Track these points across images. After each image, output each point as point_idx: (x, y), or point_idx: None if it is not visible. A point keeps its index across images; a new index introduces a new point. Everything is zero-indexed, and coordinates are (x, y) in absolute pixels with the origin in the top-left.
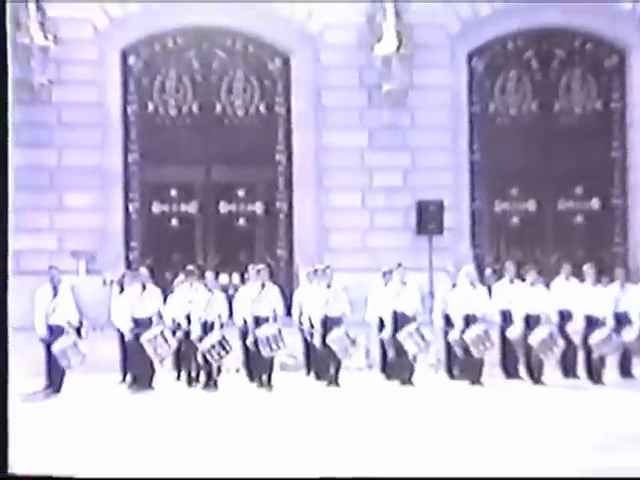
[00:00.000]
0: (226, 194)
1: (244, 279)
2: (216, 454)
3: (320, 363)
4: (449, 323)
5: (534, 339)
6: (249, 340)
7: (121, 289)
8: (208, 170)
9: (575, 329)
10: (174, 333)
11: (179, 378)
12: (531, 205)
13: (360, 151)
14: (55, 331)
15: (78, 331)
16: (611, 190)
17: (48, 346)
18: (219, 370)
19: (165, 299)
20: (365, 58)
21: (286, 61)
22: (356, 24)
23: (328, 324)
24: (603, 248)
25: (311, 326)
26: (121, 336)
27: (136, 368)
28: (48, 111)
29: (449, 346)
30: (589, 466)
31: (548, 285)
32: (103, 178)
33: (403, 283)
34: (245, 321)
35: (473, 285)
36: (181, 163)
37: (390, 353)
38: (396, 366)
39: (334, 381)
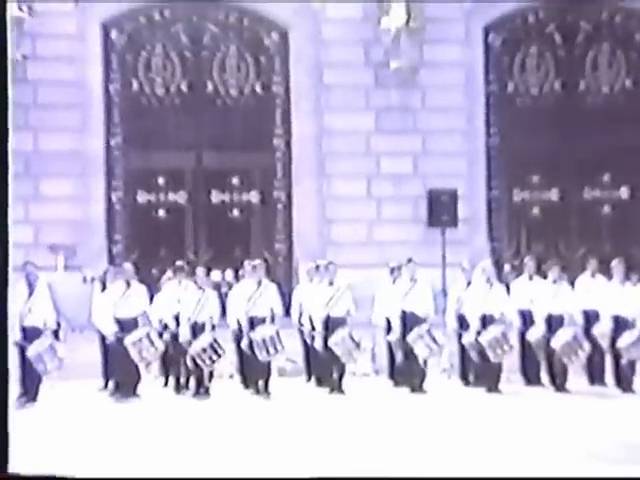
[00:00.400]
0: (218, 182)
1: (238, 276)
2: (208, 468)
3: (322, 368)
4: (463, 324)
5: (557, 342)
6: (244, 343)
7: (103, 287)
8: (199, 156)
9: (602, 331)
10: (161, 335)
11: (167, 385)
12: (554, 194)
13: (366, 135)
14: (30, 333)
15: (56, 333)
16: None
17: (22, 350)
18: (211, 376)
19: (151, 298)
20: (371, 32)
21: (284, 36)
22: None
23: (331, 325)
24: (633, 242)
25: (312, 327)
26: (103, 338)
27: (119, 374)
28: (22, 90)
29: (463, 350)
30: None
31: (572, 282)
32: (83, 164)
33: (413, 280)
34: (239, 322)
35: (490, 282)
36: (169, 148)
37: (399, 357)
38: (405, 371)
39: (337, 388)
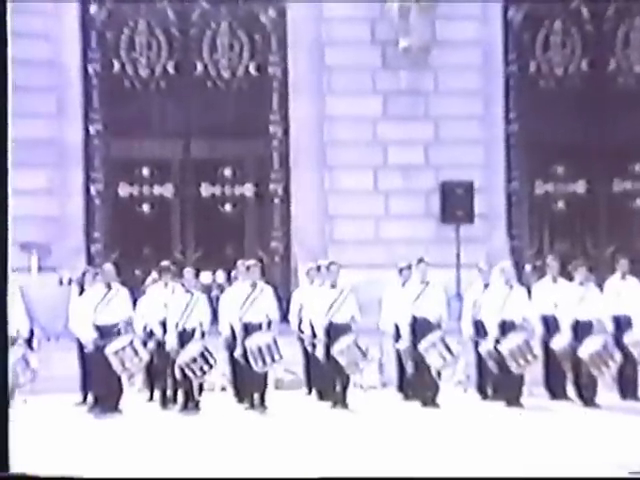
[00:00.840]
0: (209, 174)
1: (231, 277)
2: None
3: (324, 380)
4: (481, 331)
5: (585, 351)
6: (237, 352)
7: (81, 290)
8: (187, 144)
9: (635, 339)
10: (145, 344)
11: (152, 399)
12: (580, 186)
13: (372, 121)
14: None
15: (28, 342)
16: None
17: None
18: (201, 388)
19: (135, 302)
20: (378, 8)
21: (282, 12)
22: None
23: (333, 332)
24: None
25: (313, 335)
26: (81, 348)
27: (99, 387)
28: None
29: (481, 360)
30: None
31: (601, 285)
32: (59, 154)
33: (424, 282)
34: (232, 329)
35: (510, 285)
36: (154, 136)
37: (409, 368)
38: (416, 384)
39: (341, 402)
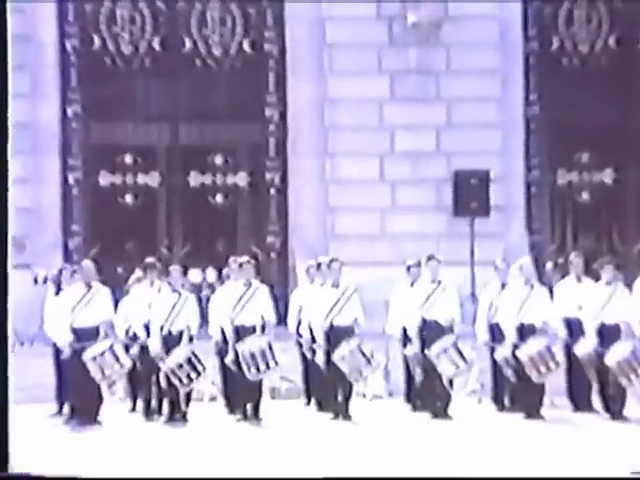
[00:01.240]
0: (198, 161)
1: (222, 276)
2: None
3: (324, 388)
4: (497, 336)
5: (612, 358)
6: (229, 358)
7: (58, 289)
8: (174, 129)
9: None
10: (128, 348)
11: (134, 409)
12: (607, 176)
13: (378, 104)
14: None
15: None
16: None
17: None
18: (188, 398)
19: (116, 303)
20: None
21: None
22: None
23: (335, 336)
24: None
25: (312, 339)
26: (57, 353)
27: (77, 396)
28: None
29: (497, 367)
30: None
31: (630, 285)
32: (33, 139)
33: (435, 282)
34: (223, 332)
35: (529, 284)
36: (138, 119)
37: (418, 376)
38: (426, 393)
39: (343, 413)
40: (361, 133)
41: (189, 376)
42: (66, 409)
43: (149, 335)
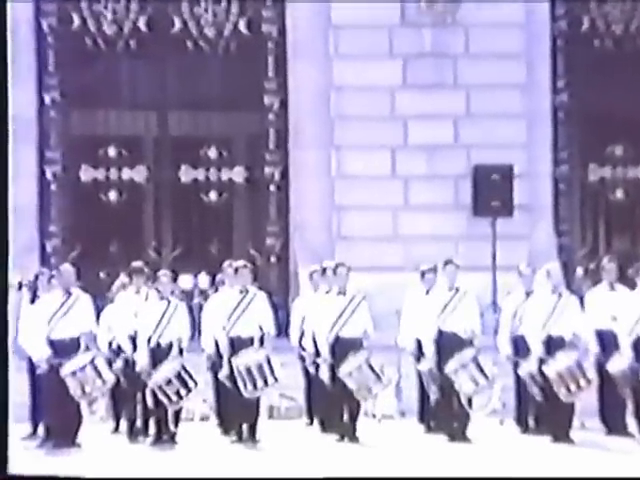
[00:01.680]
0: (190, 154)
1: (216, 282)
2: None
3: (329, 407)
4: (522, 349)
5: None
6: (223, 373)
7: (33, 297)
8: (163, 118)
9: None
10: (111, 363)
11: (117, 430)
12: None
13: (389, 91)
14: None
15: None
16: None
17: None
18: (177, 418)
19: (99, 312)
20: None
21: None
22: None
23: (341, 349)
24: None
25: (316, 352)
26: (32, 367)
27: (53, 415)
28: None
29: (521, 384)
30: None
31: None
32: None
33: (453, 289)
34: (217, 344)
35: (557, 293)
36: (123, 107)
37: (433, 394)
38: (442, 413)
39: (350, 434)
40: (370, 123)
41: (179, 393)
42: (41, 430)
43: (135, 348)
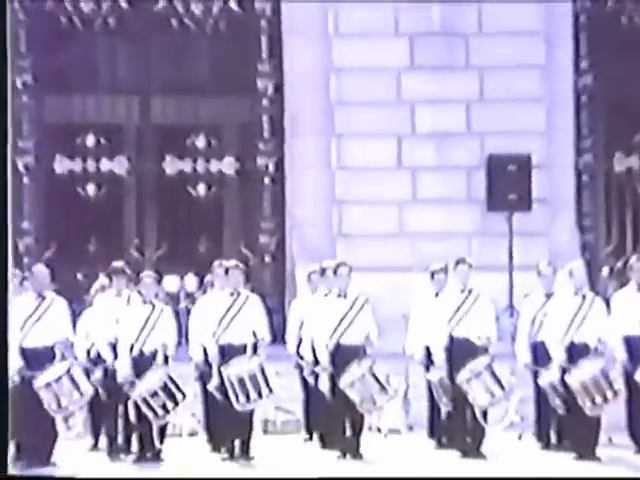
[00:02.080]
0: (175, 144)
1: (204, 284)
2: None
3: (330, 421)
4: (542, 357)
5: None
6: (213, 383)
7: None
8: (145, 103)
9: None
10: (89, 373)
11: (96, 446)
12: None
13: (395, 73)
14: None
15: None
16: None
17: None
18: (163, 433)
19: (76, 317)
20: None
21: None
22: None
23: (342, 357)
24: None
25: (315, 361)
26: None
27: (25, 431)
28: None
29: (542, 395)
30: None
31: None
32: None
33: (466, 291)
34: (206, 352)
35: (581, 295)
36: (102, 92)
37: (444, 406)
38: (454, 427)
39: (352, 450)
40: (374, 109)
41: (164, 406)
42: (11, 448)
43: (115, 356)
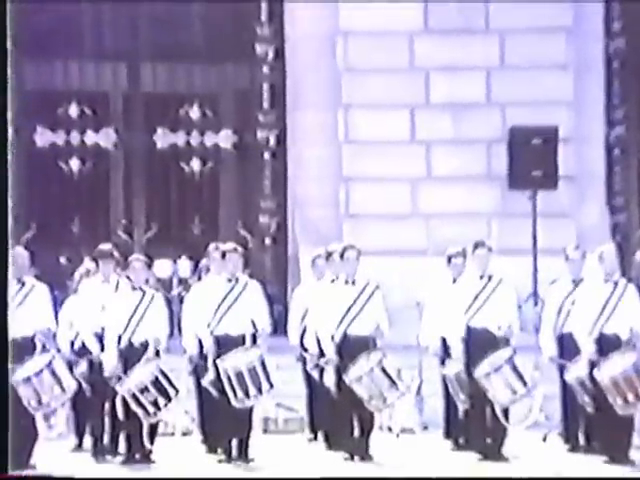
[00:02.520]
0: (167, 115)
1: (199, 269)
2: None
3: (336, 419)
4: (569, 350)
5: None
6: (207, 378)
7: None
8: (134, 70)
9: None
10: (73, 366)
11: (81, 446)
12: None
13: (407, 37)
14: None
15: None
16: None
17: None
18: (153, 432)
19: (59, 305)
20: None
21: None
22: None
23: (350, 350)
24: None
25: (320, 353)
26: None
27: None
28: None
29: (568, 392)
30: None
31: None
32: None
33: (485, 277)
34: (201, 344)
35: (612, 281)
36: (86, 57)
37: (462, 403)
38: (472, 426)
39: (361, 451)
40: (385, 77)
41: (155, 403)
42: None
43: (102, 348)
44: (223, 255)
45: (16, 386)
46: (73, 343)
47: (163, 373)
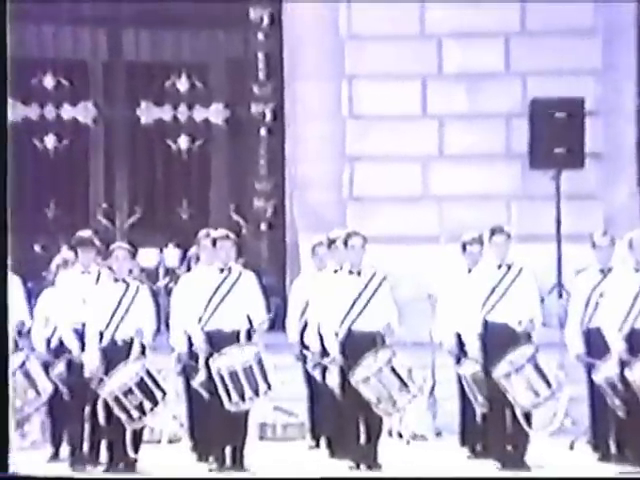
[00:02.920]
0: (152, 87)
1: (188, 258)
2: None
3: (340, 424)
4: (597, 347)
5: None
6: (198, 379)
7: None
8: (116, 37)
9: None
10: (48, 367)
11: (57, 456)
12: None
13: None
14: None
15: None
16: None
17: None
18: (138, 438)
19: (33, 298)
20: None
21: None
22: None
23: (355, 347)
24: None
25: (322, 351)
26: None
27: None
28: None
29: (597, 394)
30: None
31: None
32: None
33: (504, 266)
34: (191, 341)
35: None
36: (62, 22)
37: (479, 406)
38: (491, 432)
39: (368, 459)
40: (393, 44)
41: (140, 406)
42: None
43: (82, 346)
44: (214, 243)
45: None
46: (49, 341)
47: (149, 374)
